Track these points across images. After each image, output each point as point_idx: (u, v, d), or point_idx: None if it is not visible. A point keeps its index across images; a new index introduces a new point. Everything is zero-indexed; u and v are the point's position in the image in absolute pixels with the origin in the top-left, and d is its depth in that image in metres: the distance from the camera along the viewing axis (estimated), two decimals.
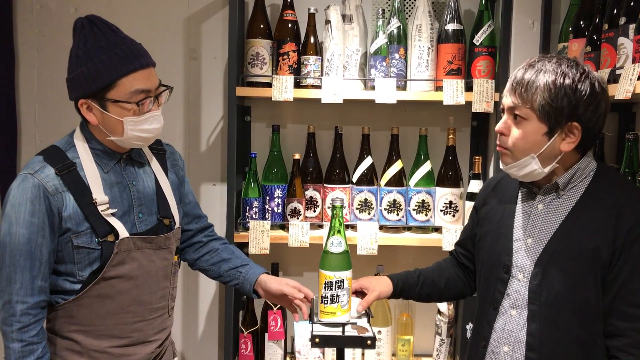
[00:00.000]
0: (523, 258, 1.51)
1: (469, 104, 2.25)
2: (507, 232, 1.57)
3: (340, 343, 1.54)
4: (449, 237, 2.29)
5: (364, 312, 1.67)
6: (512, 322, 1.51)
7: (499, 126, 1.49)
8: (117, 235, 1.56)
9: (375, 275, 2.42)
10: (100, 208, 1.55)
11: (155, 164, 1.74)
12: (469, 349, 1.68)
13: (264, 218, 2.38)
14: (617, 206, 1.42)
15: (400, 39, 2.33)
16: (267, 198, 2.37)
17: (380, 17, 2.31)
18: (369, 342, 1.52)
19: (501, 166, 1.53)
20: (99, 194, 1.56)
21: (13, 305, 1.49)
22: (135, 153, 1.69)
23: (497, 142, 1.51)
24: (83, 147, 1.60)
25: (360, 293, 1.74)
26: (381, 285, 1.75)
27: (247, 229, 2.33)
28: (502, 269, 1.54)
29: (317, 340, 1.51)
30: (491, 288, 1.57)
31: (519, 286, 1.51)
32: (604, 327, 1.43)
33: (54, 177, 1.52)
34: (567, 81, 1.39)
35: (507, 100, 1.47)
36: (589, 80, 1.41)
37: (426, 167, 2.38)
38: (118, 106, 1.53)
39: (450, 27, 2.30)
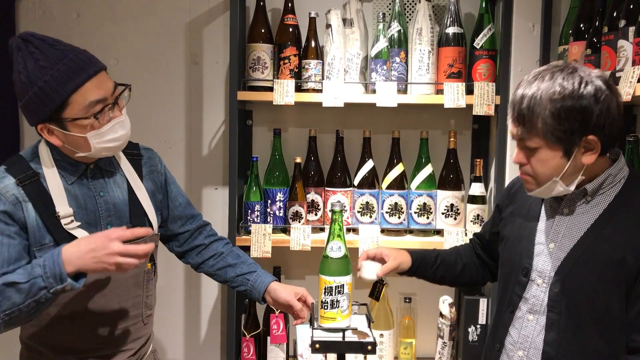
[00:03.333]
0: (544, 263, 1.47)
1: (469, 107, 2.25)
2: (530, 234, 1.53)
3: (341, 349, 1.54)
4: (450, 240, 2.29)
5: (365, 315, 1.68)
6: (528, 327, 1.48)
7: (516, 158, 1.45)
8: None
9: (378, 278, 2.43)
10: (63, 222, 1.50)
11: (128, 170, 1.67)
12: (484, 349, 1.66)
13: (265, 222, 2.38)
14: None
15: (400, 43, 2.33)
16: (269, 202, 2.38)
17: (381, 20, 2.31)
18: (369, 347, 1.52)
19: (527, 192, 1.49)
20: (63, 207, 1.50)
21: None
22: (103, 162, 1.61)
23: (520, 170, 1.47)
24: (47, 157, 1.53)
25: (380, 260, 1.70)
26: (402, 256, 1.73)
27: (248, 232, 2.33)
28: (521, 272, 1.51)
29: (317, 346, 1.51)
30: (509, 290, 1.55)
31: (537, 291, 1.47)
32: (627, 342, 1.38)
33: (13, 186, 1.48)
34: (567, 96, 1.32)
35: (513, 131, 1.42)
36: (591, 85, 1.33)
37: (427, 170, 2.39)
38: (77, 124, 1.46)
39: (451, 30, 2.30)
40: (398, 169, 2.39)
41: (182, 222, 1.83)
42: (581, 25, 2.04)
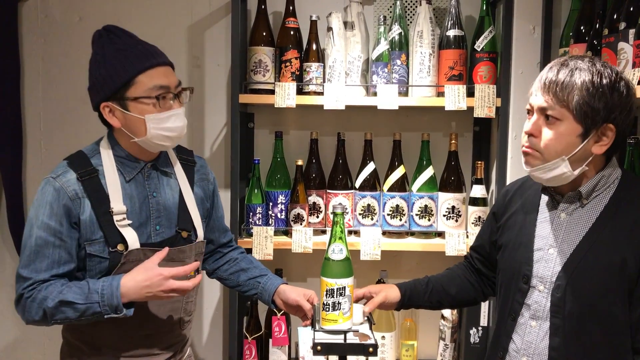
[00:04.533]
0: (544, 269, 1.47)
1: (470, 109, 2.26)
2: (528, 241, 1.53)
3: (342, 351, 1.54)
4: (452, 242, 2.30)
5: (367, 317, 1.68)
6: (531, 333, 1.48)
7: (528, 127, 1.43)
8: (127, 245, 1.56)
9: (379, 280, 2.43)
10: (116, 218, 1.56)
11: (181, 175, 1.73)
12: (487, 357, 1.66)
13: (267, 224, 2.39)
14: None
15: (401, 45, 2.34)
16: (271, 204, 2.39)
17: (382, 23, 2.32)
18: (370, 349, 1.52)
19: (525, 168, 1.47)
20: (117, 204, 1.57)
21: (24, 301, 1.52)
22: (161, 162, 1.69)
23: (525, 144, 1.45)
24: (107, 154, 1.61)
25: (369, 299, 1.74)
26: (389, 290, 1.75)
27: (250, 235, 2.34)
28: (521, 279, 1.51)
29: (319, 347, 1.52)
30: (510, 298, 1.54)
31: (539, 297, 1.47)
32: (632, 343, 1.38)
33: (75, 182, 1.55)
34: (605, 81, 1.35)
35: (539, 99, 1.41)
36: (624, 81, 1.38)
37: (428, 172, 2.39)
38: (138, 103, 1.54)
39: (452, 33, 2.31)
40: (399, 171, 2.39)
41: (218, 234, 1.91)
42: (581, 28, 2.04)
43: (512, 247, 1.57)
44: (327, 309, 1.56)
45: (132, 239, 1.57)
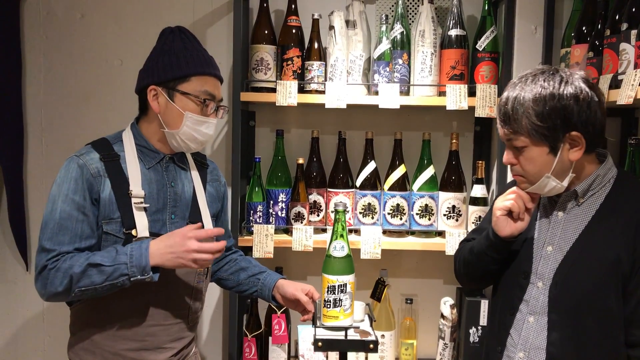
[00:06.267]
0: (543, 265, 1.51)
1: (472, 109, 2.26)
2: (528, 238, 1.57)
3: (343, 347, 1.55)
4: (452, 242, 2.30)
5: (367, 314, 1.69)
6: (529, 328, 1.51)
7: (505, 158, 1.51)
8: (137, 232, 1.61)
9: (379, 279, 2.43)
10: (133, 200, 1.61)
11: (195, 174, 1.80)
12: (484, 351, 1.68)
13: (268, 222, 2.39)
14: (637, 216, 1.41)
15: (403, 45, 2.34)
16: (271, 202, 2.39)
17: (384, 22, 2.32)
18: (371, 346, 1.53)
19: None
20: (136, 187, 1.63)
21: (47, 272, 1.55)
22: (177, 158, 1.75)
23: (511, 172, 1.53)
24: (129, 142, 1.68)
25: None
26: None
27: (251, 233, 2.34)
28: (521, 275, 1.55)
29: (320, 344, 1.52)
30: (509, 293, 1.58)
31: (537, 293, 1.51)
32: (625, 337, 1.42)
33: (97, 161, 1.62)
34: (548, 95, 1.38)
35: (500, 132, 1.49)
36: (571, 85, 1.39)
37: (429, 171, 2.39)
38: (185, 98, 1.64)
39: (454, 32, 2.31)
40: (400, 171, 2.40)
41: (225, 236, 1.93)
42: (583, 28, 2.04)
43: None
44: (329, 306, 1.57)
45: (143, 226, 1.61)
